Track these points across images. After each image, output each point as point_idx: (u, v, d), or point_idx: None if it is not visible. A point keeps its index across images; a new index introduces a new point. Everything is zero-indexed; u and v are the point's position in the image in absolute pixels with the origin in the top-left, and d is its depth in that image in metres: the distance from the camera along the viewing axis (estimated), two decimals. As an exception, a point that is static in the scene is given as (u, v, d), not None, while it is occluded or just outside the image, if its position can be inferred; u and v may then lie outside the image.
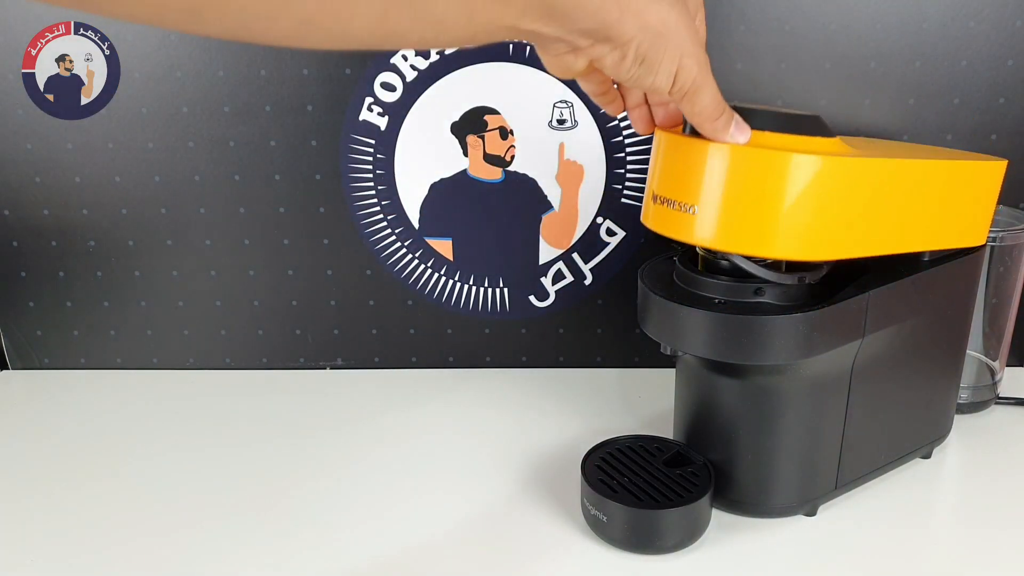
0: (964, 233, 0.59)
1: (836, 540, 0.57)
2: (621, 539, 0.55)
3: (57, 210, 0.80)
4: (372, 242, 0.80)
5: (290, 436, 0.72)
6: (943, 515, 0.61)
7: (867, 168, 0.50)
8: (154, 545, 0.58)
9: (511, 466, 0.66)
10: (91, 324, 0.84)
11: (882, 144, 0.64)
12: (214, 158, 0.77)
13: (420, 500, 0.63)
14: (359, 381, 0.82)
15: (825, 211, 0.49)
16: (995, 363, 0.73)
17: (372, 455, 0.69)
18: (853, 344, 0.55)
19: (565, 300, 0.81)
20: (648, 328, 0.57)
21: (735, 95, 0.73)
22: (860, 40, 0.71)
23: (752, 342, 0.52)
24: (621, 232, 0.79)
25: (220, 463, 0.68)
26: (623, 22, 0.41)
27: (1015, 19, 0.70)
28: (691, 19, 0.44)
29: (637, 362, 0.83)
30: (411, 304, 0.82)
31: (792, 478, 0.58)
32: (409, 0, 0.35)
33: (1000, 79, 0.72)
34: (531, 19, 0.39)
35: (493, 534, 0.59)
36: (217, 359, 0.85)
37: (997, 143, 0.73)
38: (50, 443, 0.72)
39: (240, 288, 0.82)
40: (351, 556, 0.57)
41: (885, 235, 0.53)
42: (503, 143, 0.76)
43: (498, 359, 0.84)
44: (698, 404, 0.61)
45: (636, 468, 0.59)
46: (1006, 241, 0.67)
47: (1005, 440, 0.68)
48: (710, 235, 0.50)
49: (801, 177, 0.48)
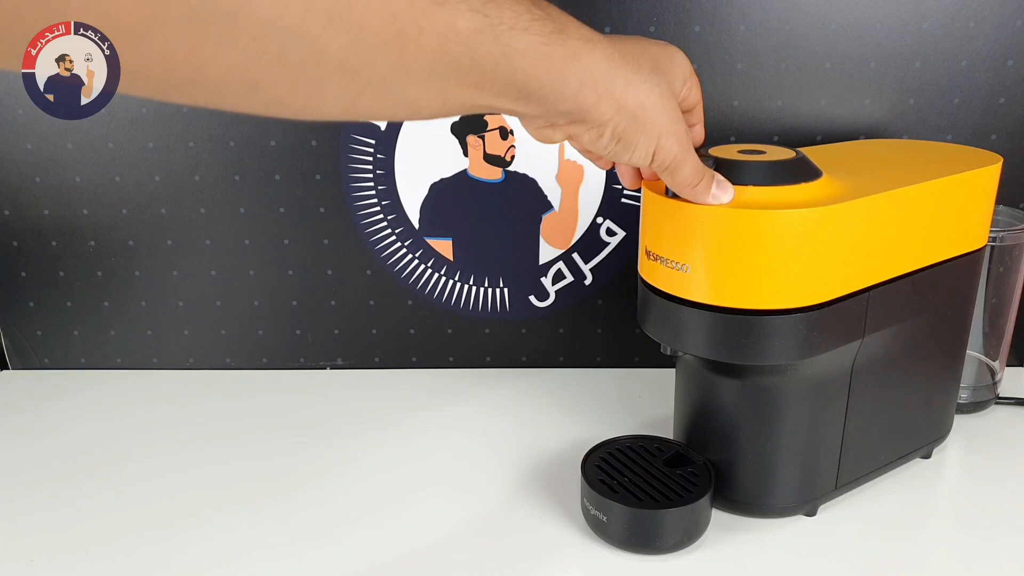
0: (964, 240, 0.59)
1: (836, 540, 0.57)
2: (621, 539, 0.55)
3: (57, 210, 0.80)
4: (372, 242, 0.80)
5: (290, 436, 0.72)
6: (943, 515, 0.61)
7: (855, 210, 0.50)
8: (154, 545, 0.58)
9: (511, 466, 0.66)
10: (91, 324, 0.84)
11: (876, 157, 0.63)
12: (214, 158, 0.77)
13: (420, 500, 0.63)
14: (359, 381, 0.82)
15: (818, 259, 0.50)
16: (995, 363, 0.73)
17: (372, 455, 0.69)
18: (853, 344, 0.55)
19: (565, 300, 0.81)
20: (648, 328, 0.57)
21: (735, 95, 0.73)
22: (860, 40, 0.71)
23: (752, 342, 0.52)
24: (621, 232, 0.79)
25: (220, 463, 0.68)
26: (599, 106, 0.41)
27: (1015, 19, 0.70)
28: (672, 98, 0.45)
29: (637, 362, 0.83)
30: (411, 304, 0.82)
31: (792, 478, 0.58)
32: (380, 86, 0.35)
33: (1000, 79, 0.72)
34: (507, 100, 0.39)
35: (493, 534, 0.59)
36: (217, 359, 0.85)
37: (997, 143, 0.73)
38: (50, 443, 0.72)
39: (240, 288, 0.82)
40: (351, 556, 0.57)
41: (884, 264, 0.54)
42: (503, 143, 0.76)
43: (498, 359, 0.84)
44: (698, 404, 0.61)
45: (636, 468, 0.59)
46: (1006, 241, 0.67)
47: (1005, 440, 0.68)
48: (705, 293, 0.51)
49: (787, 232, 0.48)
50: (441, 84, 0.37)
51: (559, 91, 0.40)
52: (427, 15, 0.34)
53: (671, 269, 0.52)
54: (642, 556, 0.56)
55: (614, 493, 0.55)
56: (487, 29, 0.36)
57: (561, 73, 0.40)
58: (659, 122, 0.43)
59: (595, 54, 0.41)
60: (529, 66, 0.38)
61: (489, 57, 0.37)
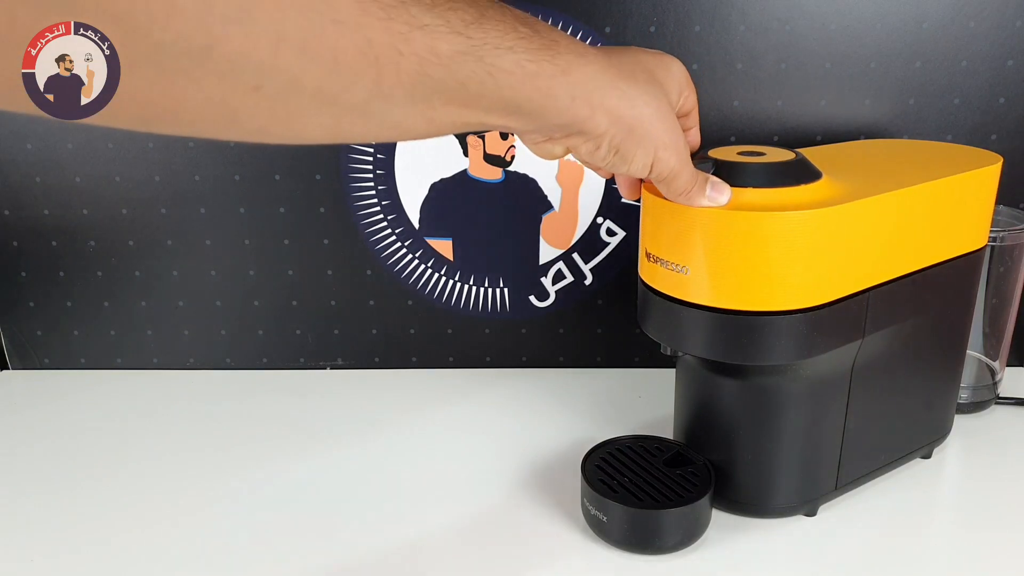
0: (965, 240, 0.59)
1: (836, 540, 0.57)
2: (621, 539, 0.55)
3: (57, 210, 0.80)
4: (372, 242, 0.80)
5: (290, 436, 0.72)
6: (943, 515, 0.61)
7: (854, 211, 0.50)
8: (154, 545, 0.58)
9: (511, 466, 0.66)
10: (91, 324, 0.84)
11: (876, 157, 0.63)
12: (214, 158, 0.77)
13: (420, 500, 0.63)
14: (359, 381, 0.82)
15: (818, 261, 0.50)
16: (995, 363, 0.73)
17: (372, 455, 0.69)
18: (853, 344, 0.55)
19: (565, 300, 0.81)
20: (648, 328, 0.57)
21: (735, 95, 0.73)
22: (860, 40, 0.71)
23: (752, 342, 0.52)
24: (621, 232, 0.79)
25: (220, 463, 0.68)
26: (594, 119, 0.41)
27: (1015, 19, 0.70)
28: (669, 109, 0.44)
29: (637, 362, 0.83)
30: (411, 304, 0.82)
31: (792, 478, 0.58)
32: (362, 112, 0.35)
33: (1000, 79, 0.71)
34: (497, 117, 0.39)
35: (493, 534, 0.59)
36: (217, 359, 0.85)
37: (997, 143, 0.73)
38: (50, 443, 0.72)
39: (240, 288, 0.82)
40: (351, 555, 0.57)
41: (885, 264, 0.54)
42: (503, 143, 0.76)
43: (498, 359, 0.84)
44: (698, 404, 0.61)
45: (636, 468, 0.59)
46: (1006, 241, 0.67)
47: (1005, 440, 0.68)
48: (705, 295, 0.51)
49: (786, 234, 0.48)
50: (425, 106, 0.36)
51: (550, 107, 0.40)
52: (406, 40, 0.34)
53: (671, 271, 0.52)
54: (642, 556, 0.56)
55: (614, 493, 0.55)
56: (470, 51, 0.36)
57: (551, 89, 0.39)
58: (656, 134, 0.43)
59: (588, 68, 0.40)
60: (516, 84, 0.38)
61: (474, 78, 0.36)
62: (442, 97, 0.36)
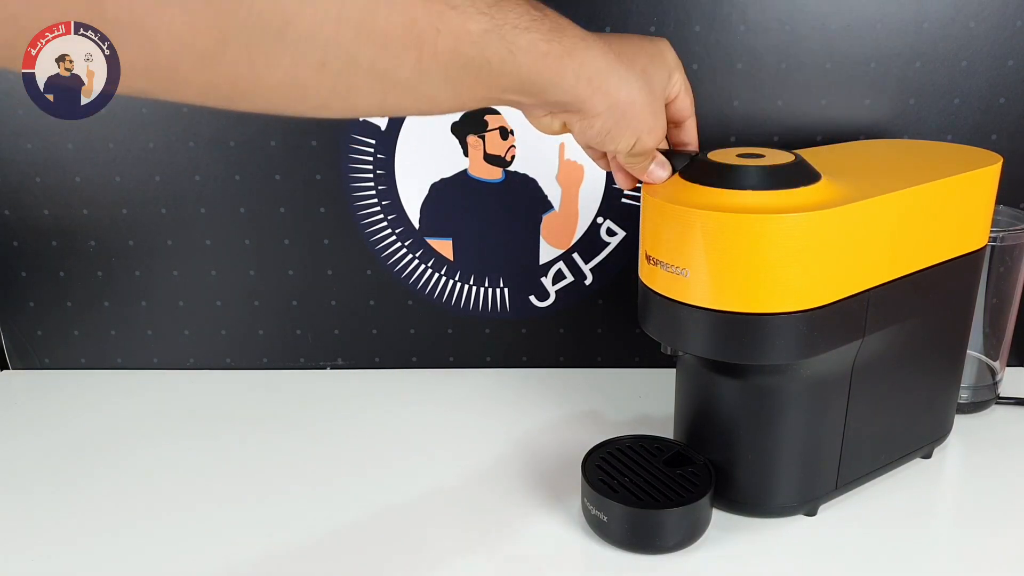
0: (965, 240, 0.59)
1: (836, 540, 0.57)
2: (621, 539, 0.55)
3: (57, 210, 0.80)
4: (372, 242, 0.80)
5: (290, 436, 0.72)
6: (943, 515, 0.61)
7: (853, 213, 0.50)
8: (154, 544, 0.59)
9: (511, 466, 0.66)
10: (91, 324, 0.84)
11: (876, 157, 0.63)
12: (214, 158, 0.77)
13: (420, 500, 0.63)
14: (359, 381, 0.82)
15: (817, 263, 0.50)
16: (995, 363, 0.73)
17: (372, 455, 0.69)
18: (853, 344, 0.55)
19: (565, 300, 0.81)
20: (648, 328, 0.57)
21: (735, 95, 0.73)
22: (860, 40, 0.71)
23: (752, 342, 0.52)
24: (621, 232, 0.79)
25: (220, 463, 0.68)
26: (593, 99, 0.45)
27: (1015, 19, 0.70)
28: (659, 96, 0.49)
29: (637, 362, 0.83)
30: (411, 304, 0.82)
31: (792, 478, 0.58)
32: (405, 87, 0.40)
33: (1000, 79, 0.71)
34: (511, 93, 0.44)
35: (493, 534, 0.59)
36: (217, 359, 0.85)
37: (997, 143, 0.73)
38: (50, 443, 0.72)
39: (240, 288, 0.82)
40: (351, 555, 0.57)
41: (885, 265, 0.54)
42: (503, 143, 0.76)
43: (498, 359, 0.84)
44: (698, 404, 0.61)
45: (636, 468, 0.59)
46: (1006, 241, 0.67)
47: (1005, 440, 0.68)
48: (705, 297, 0.51)
49: (785, 237, 0.48)
50: (456, 81, 0.41)
51: (557, 84, 0.44)
52: (443, 18, 0.38)
53: (671, 274, 0.52)
54: (642, 556, 0.56)
55: (614, 493, 0.55)
56: (494, 30, 0.40)
57: (560, 68, 0.43)
58: (643, 119, 0.48)
59: (590, 51, 0.44)
60: (531, 62, 0.42)
61: (496, 55, 0.41)
62: (470, 73, 0.41)
